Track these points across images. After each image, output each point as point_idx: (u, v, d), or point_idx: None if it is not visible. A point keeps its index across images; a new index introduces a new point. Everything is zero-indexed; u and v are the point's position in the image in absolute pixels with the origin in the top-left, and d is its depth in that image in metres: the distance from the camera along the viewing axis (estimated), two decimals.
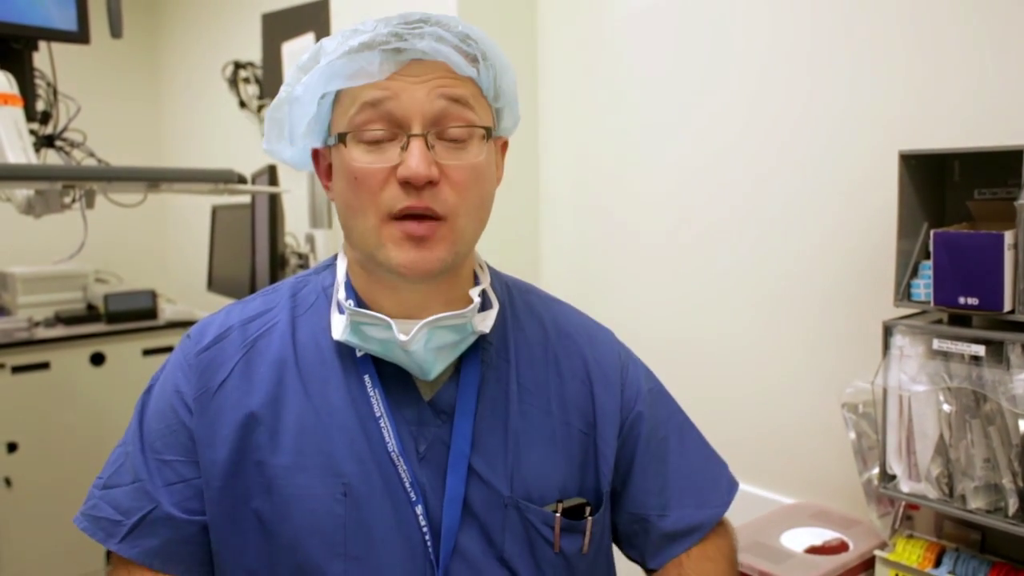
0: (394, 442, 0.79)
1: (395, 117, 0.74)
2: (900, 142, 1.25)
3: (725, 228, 1.69)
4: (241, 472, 0.79)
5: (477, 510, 0.80)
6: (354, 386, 0.81)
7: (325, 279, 0.88)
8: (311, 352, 0.83)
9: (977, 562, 1.20)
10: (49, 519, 2.53)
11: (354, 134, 0.75)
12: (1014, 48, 1.25)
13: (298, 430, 0.79)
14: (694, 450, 0.95)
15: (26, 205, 1.70)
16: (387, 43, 0.73)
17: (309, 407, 0.80)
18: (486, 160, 0.79)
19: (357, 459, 0.78)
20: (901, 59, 1.39)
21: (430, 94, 0.74)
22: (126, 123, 3.87)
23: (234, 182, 1.71)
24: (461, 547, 0.79)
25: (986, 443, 1.13)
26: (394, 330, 0.76)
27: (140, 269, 3.60)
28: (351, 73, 0.74)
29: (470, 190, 0.77)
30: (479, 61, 0.78)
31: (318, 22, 2.59)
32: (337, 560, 0.77)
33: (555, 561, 0.82)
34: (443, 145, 0.75)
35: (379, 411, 0.80)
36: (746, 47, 1.63)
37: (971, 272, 1.12)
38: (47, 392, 2.63)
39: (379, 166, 0.74)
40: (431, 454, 0.80)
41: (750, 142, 1.64)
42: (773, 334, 1.62)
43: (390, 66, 0.74)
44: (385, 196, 0.74)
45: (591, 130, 1.96)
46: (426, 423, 0.81)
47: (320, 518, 0.77)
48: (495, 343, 0.86)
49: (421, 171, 0.72)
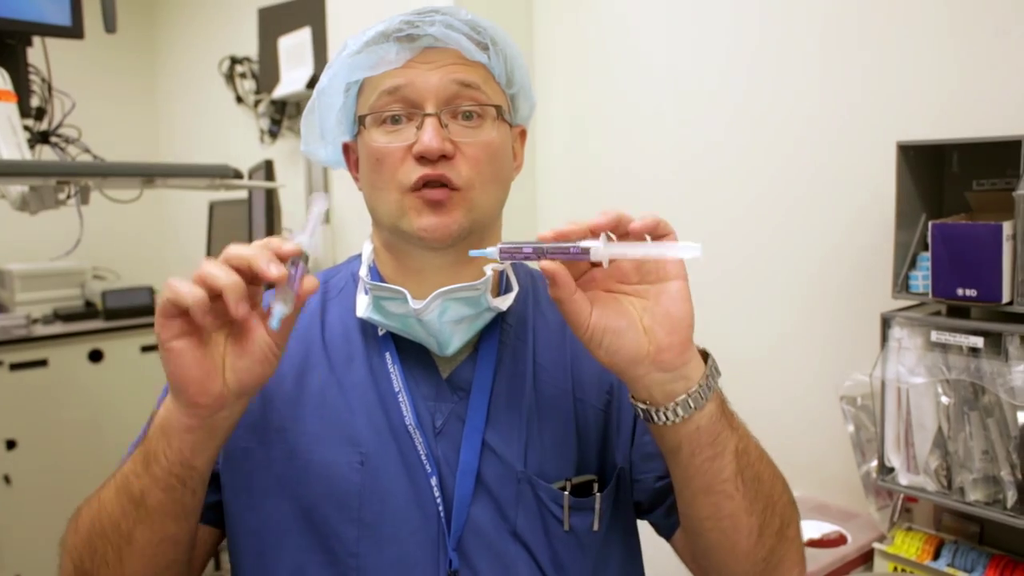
0: (411, 416, 0.82)
1: (411, 100, 0.80)
2: (898, 133, 1.24)
3: (721, 220, 1.68)
4: (264, 438, 0.83)
5: (490, 484, 0.81)
6: (375, 362, 0.85)
7: (354, 266, 0.93)
8: (337, 330, 0.88)
9: (976, 554, 1.20)
10: (48, 516, 2.52)
11: (374, 116, 0.81)
12: (1012, 39, 1.24)
13: (320, 401, 0.83)
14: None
15: (20, 201, 1.69)
16: (400, 31, 0.80)
17: (332, 380, 0.84)
18: (500, 139, 0.83)
19: (375, 431, 0.82)
20: (899, 50, 1.38)
21: (443, 78, 0.80)
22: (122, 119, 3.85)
23: (229, 177, 1.70)
24: (474, 520, 0.81)
25: (984, 435, 1.12)
26: (408, 300, 0.79)
27: (138, 266, 3.59)
28: (371, 63, 0.81)
29: (484, 164, 0.81)
30: (489, 48, 0.83)
31: (314, 16, 2.58)
32: (351, 526, 0.80)
33: (566, 538, 0.83)
34: (457, 124, 0.80)
35: (398, 386, 0.83)
36: (743, 39, 1.62)
37: (969, 263, 1.11)
38: (46, 389, 2.62)
39: (396, 145, 0.79)
40: (447, 429, 0.83)
41: (747, 134, 1.63)
42: (770, 326, 1.61)
43: (406, 53, 0.80)
44: (403, 171, 0.79)
45: (588, 124, 1.96)
46: (443, 399, 0.84)
47: (337, 485, 0.80)
48: (515, 325, 0.89)
49: (434, 145, 0.77)
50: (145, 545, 0.72)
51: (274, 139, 2.92)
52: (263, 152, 2.92)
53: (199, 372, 0.65)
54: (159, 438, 0.70)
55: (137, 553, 0.73)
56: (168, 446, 0.69)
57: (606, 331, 0.67)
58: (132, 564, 0.73)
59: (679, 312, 0.68)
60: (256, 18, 2.93)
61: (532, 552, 0.82)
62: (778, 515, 0.77)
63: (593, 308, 0.67)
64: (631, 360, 0.68)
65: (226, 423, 0.70)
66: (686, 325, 0.68)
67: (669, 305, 0.68)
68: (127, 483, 0.72)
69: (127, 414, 2.70)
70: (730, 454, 0.72)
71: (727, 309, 1.68)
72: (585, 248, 0.65)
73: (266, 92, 2.88)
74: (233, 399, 0.68)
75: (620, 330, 0.67)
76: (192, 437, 0.68)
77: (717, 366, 0.72)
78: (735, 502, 0.73)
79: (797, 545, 0.82)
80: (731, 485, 0.72)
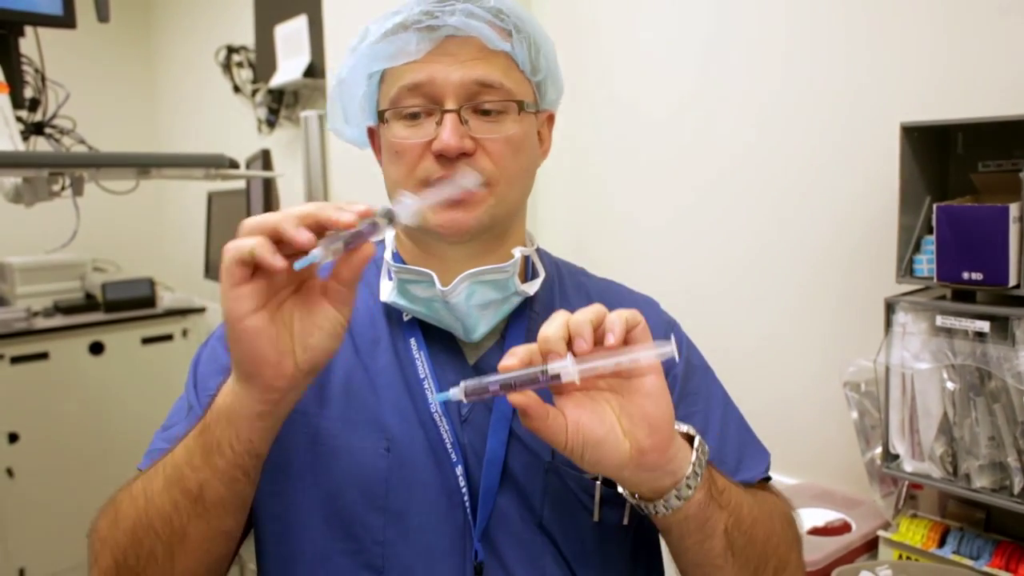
0: (438, 403, 0.81)
1: (431, 95, 0.79)
2: (902, 114, 1.22)
3: (723, 206, 1.66)
4: (289, 421, 0.81)
5: (517, 474, 0.81)
6: (401, 348, 0.84)
7: (377, 252, 0.92)
8: (362, 316, 0.87)
9: (982, 541, 1.18)
10: (51, 508, 2.53)
11: (394, 111, 0.80)
12: (1018, 18, 1.22)
13: (346, 386, 0.82)
14: (734, 430, 0.92)
15: (14, 193, 1.68)
16: (420, 22, 0.78)
17: (358, 365, 0.84)
18: (523, 132, 0.82)
19: (401, 417, 0.81)
20: (902, 30, 1.35)
21: (464, 75, 0.78)
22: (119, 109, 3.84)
23: (225, 167, 1.68)
24: (500, 510, 0.80)
25: (991, 421, 1.11)
26: (435, 282, 0.79)
27: (138, 257, 3.59)
28: (390, 54, 0.80)
29: (506, 159, 0.80)
30: (513, 35, 0.81)
31: (310, 4, 2.55)
32: (377, 513, 0.79)
33: (594, 531, 0.82)
34: (478, 119, 0.79)
35: (423, 373, 0.83)
36: (744, 24, 1.60)
37: (975, 246, 1.09)
38: (47, 382, 2.62)
39: (415, 140, 0.79)
40: (473, 416, 0.82)
41: (749, 118, 1.60)
42: (773, 313, 1.60)
43: (426, 44, 0.78)
44: (421, 167, 0.79)
45: (586, 120, 1.93)
46: None
47: (363, 470, 0.79)
48: (541, 313, 0.87)
49: (452, 143, 0.76)
50: (200, 541, 0.69)
51: (272, 128, 2.90)
52: (261, 142, 2.90)
53: (275, 354, 0.62)
54: (224, 427, 0.66)
55: (191, 549, 0.69)
56: (236, 437, 0.66)
57: (585, 445, 0.65)
58: (184, 561, 0.70)
59: (657, 411, 0.66)
60: (252, 6, 2.90)
61: (558, 544, 0.81)
62: (771, 566, 0.77)
63: (568, 419, 0.65)
64: (615, 467, 0.67)
65: (293, 404, 0.68)
66: (666, 422, 0.67)
67: (646, 405, 0.66)
68: (181, 477, 0.68)
69: (129, 406, 2.71)
70: (719, 535, 0.72)
71: (730, 297, 1.67)
72: (555, 374, 0.64)
73: (263, 81, 2.86)
74: (303, 378, 0.65)
75: (599, 441, 0.66)
76: (263, 424, 0.66)
77: (705, 448, 0.71)
78: (725, 571, 0.74)
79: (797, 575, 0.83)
80: (721, 559, 0.73)
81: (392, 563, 0.78)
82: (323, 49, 2.49)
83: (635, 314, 0.66)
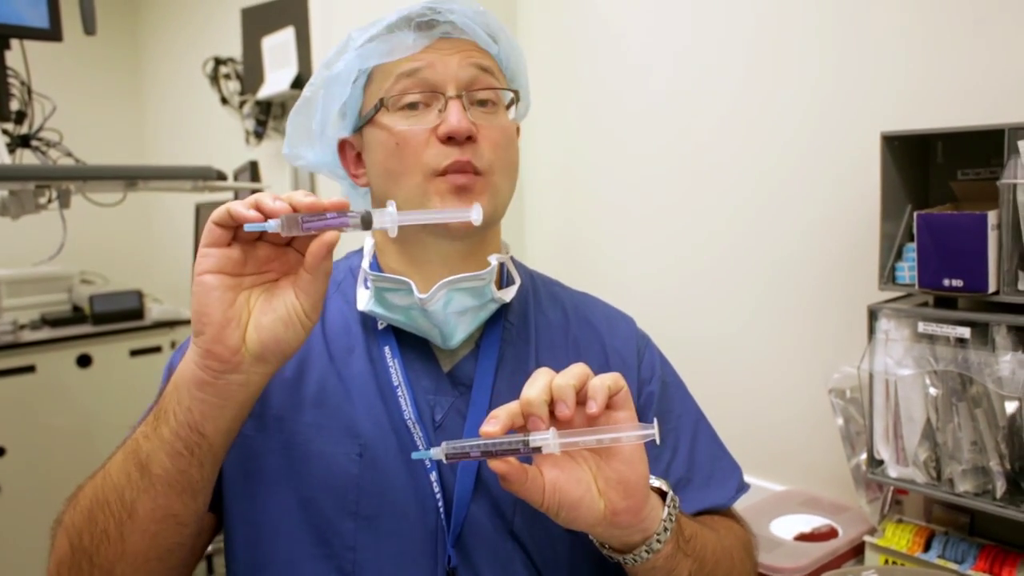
0: (411, 410, 0.82)
1: (431, 83, 0.81)
2: (882, 123, 1.24)
3: (708, 215, 1.68)
4: (262, 426, 0.82)
5: (490, 482, 0.81)
6: (375, 355, 0.85)
7: (353, 261, 0.94)
8: (337, 323, 0.88)
9: (966, 545, 1.20)
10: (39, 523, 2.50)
11: (393, 100, 0.81)
12: (995, 28, 1.24)
13: (319, 391, 0.83)
14: (704, 446, 0.94)
15: (0, 206, 1.68)
16: (423, 15, 0.81)
17: (332, 371, 0.84)
18: (512, 127, 0.86)
19: (374, 423, 0.82)
20: (882, 42, 1.37)
21: (461, 62, 0.82)
22: (106, 122, 3.83)
23: (213, 179, 1.69)
24: (473, 518, 0.80)
25: (973, 426, 1.12)
26: (414, 290, 0.80)
27: (125, 269, 3.57)
28: (387, 50, 0.82)
29: (503, 149, 0.83)
30: (499, 42, 0.87)
31: (297, 16, 2.56)
32: (348, 518, 0.79)
33: (564, 538, 0.83)
34: (476, 108, 0.82)
35: (397, 380, 0.83)
36: (728, 32, 1.62)
37: (955, 254, 1.11)
38: (34, 395, 2.60)
39: (420, 127, 0.80)
40: (447, 423, 0.83)
41: (733, 127, 1.62)
42: (758, 320, 1.61)
43: (423, 40, 0.82)
44: (429, 155, 0.80)
45: (574, 119, 1.95)
46: (443, 392, 0.84)
47: (335, 477, 0.80)
48: (516, 323, 0.89)
49: (463, 126, 0.78)
50: (148, 520, 0.69)
51: (259, 140, 2.91)
52: (249, 153, 2.90)
53: (221, 315, 0.64)
54: (172, 394, 0.68)
55: (139, 528, 0.70)
56: (178, 403, 0.67)
57: (561, 506, 0.68)
58: (133, 540, 0.70)
59: (634, 475, 0.68)
60: (239, 18, 2.91)
61: (529, 552, 0.82)
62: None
63: (546, 480, 0.67)
64: (588, 525, 0.69)
65: (240, 393, 0.67)
66: (641, 487, 0.69)
67: (623, 469, 0.68)
68: (136, 447, 0.70)
69: (117, 419, 2.68)
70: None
71: (713, 304, 1.68)
72: (536, 446, 0.65)
73: (251, 93, 2.86)
74: (250, 361, 0.65)
75: (575, 503, 0.68)
76: (202, 395, 0.66)
77: (676, 502, 0.74)
78: None
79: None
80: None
81: (364, 568, 0.78)
82: (311, 61, 2.50)
83: (617, 379, 0.68)
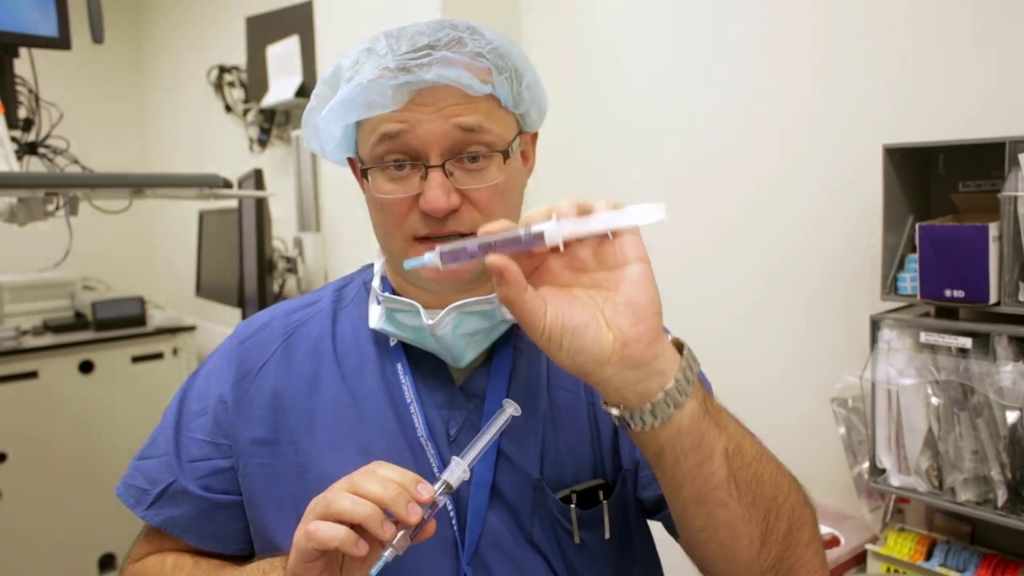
0: (423, 427, 0.81)
1: (412, 148, 0.76)
2: (885, 136, 1.25)
3: (708, 224, 1.69)
4: (278, 452, 0.83)
5: (506, 493, 0.81)
6: (388, 373, 0.84)
7: (366, 275, 0.93)
8: (349, 340, 0.87)
9: (968, 554, 1.20)
10: (41, 529, 2.51)
11: (377, 167, 0.78)
12: (997, 41, 1.25)
13: (333, 412, 0.83)
14: None
15: (9, 213, 1.69)
16: (394, 77, 0.74)
17: (344, 390, 0.84)
18: (508, 177, 0.80)
19: (388, 441, 0.81)
20: (885, 54, 1.39)
21: (444, 124, 0.75)
22: (111, 129, 3.85)
23: (218, 187, 1.70)
24: (491, 530, 0.80)
25: (974, 435, 1.13)
26: (422, 315, 0.79)
27: (128, 276, 3.57)
28: (366, 103, 0.76)
29: (494, 207, 0.78)
30: (494, 74, 0.77)
31: (302, 25, 2.58)
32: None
33: (578, 550, 0.82)
34: (462, 170, 0.77)
35: (409, 397, 0.83)
36: (731, 45, 1.63)
37: (957, 264, 1.12)
38: (36, 401, 2.60)
39: (401, 195, 0.77)
40: (462, 437, 0.82)
41: (735, 139, 1.63)
42: (760, 329, 1.62)
43: (403, 95, 0.74)
44: (409, 222, 0.78)
45: (575, 127, 1.96)
46: (457, 407, 0.83)
47: None
48: (525, 350, 0.87)
49: (440, 204, 0.75)
50: None
51: (263, 148, 2.92)
52: (253, 161, 2.91)
53: None
54: None
55: None
56: None
57: (564, 331, 0.60)
58: None
59: (643, 298, 0.61)
60: (244, 27, 2.93)
61: (549, 561, 0.81)
62: (784, 518, 0.70)
63: (548, 307, 0.61)
64: (596, 360, 0.61)
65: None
66: (652, 312, 0.61)
67: (631, 292, 0.61)
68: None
69: (119, 425, 2.69)
70: (719, 457, 0.65)
71: (715, 313, 1.69)
72: (537, 232, 0.58)
73: (255, 101, 2.88)
74: None
75: (579, 328, 0.60)
76: None
77: (694, 356, 0.65)
78: (730, 510, 0.66)
79: (814, 549, 0.74)
80: (724, 492, 0.65)
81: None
82: (315, 69, 2.51)
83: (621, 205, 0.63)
